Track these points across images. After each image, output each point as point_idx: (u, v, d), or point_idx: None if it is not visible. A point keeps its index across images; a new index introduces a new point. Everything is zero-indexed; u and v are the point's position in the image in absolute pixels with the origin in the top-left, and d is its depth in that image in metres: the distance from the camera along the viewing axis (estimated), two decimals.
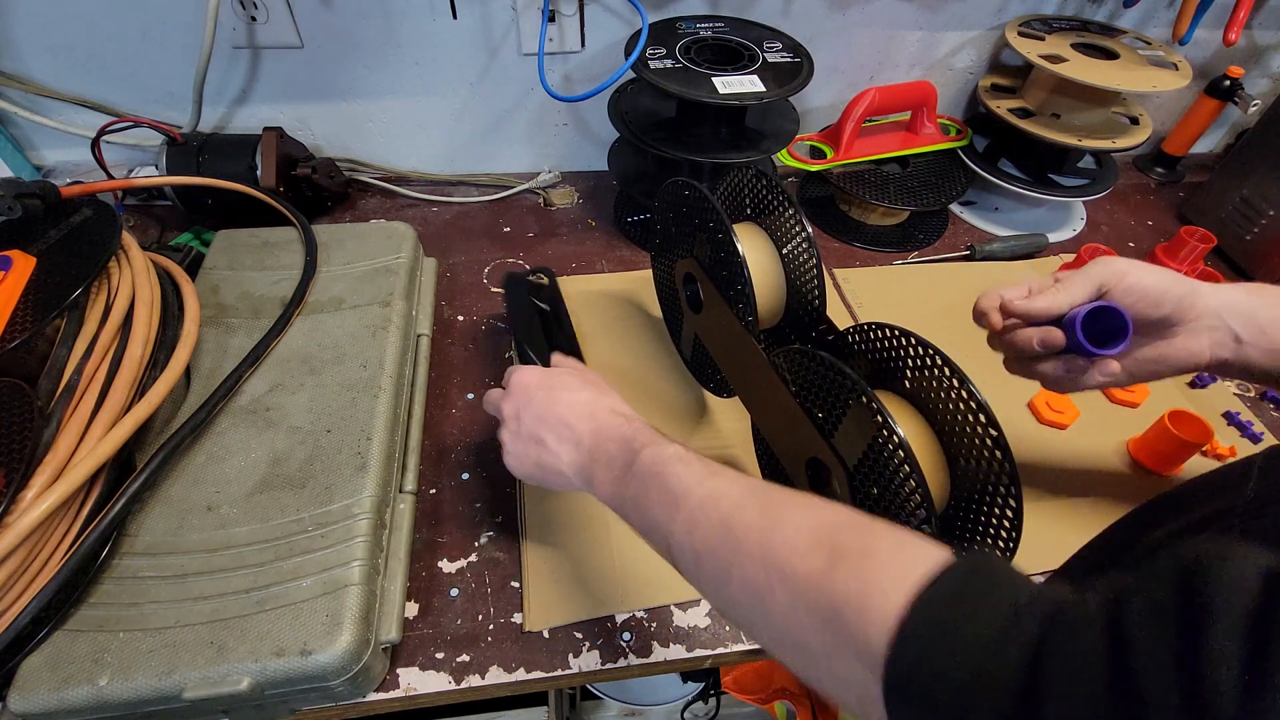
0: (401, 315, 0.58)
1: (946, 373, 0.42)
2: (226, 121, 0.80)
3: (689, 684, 1.08)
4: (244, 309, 0.57)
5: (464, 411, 0.61)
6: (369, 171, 0.86)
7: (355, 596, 0.41)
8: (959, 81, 0.91)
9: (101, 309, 0.47)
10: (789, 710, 0.98)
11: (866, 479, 0.41)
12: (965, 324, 0.71)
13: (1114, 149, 0.79)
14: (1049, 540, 0.54)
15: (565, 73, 0.81)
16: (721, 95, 0.65)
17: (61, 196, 0.53)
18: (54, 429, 0.41)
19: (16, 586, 0.38)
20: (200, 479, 0.46)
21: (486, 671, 0.45)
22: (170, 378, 0.48)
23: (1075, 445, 0.61)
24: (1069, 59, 0.75)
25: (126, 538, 0.43)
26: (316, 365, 0.54)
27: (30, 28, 0.70)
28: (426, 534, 0.52)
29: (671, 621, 0.48)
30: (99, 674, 0.37)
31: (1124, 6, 0.84)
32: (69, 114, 0.76)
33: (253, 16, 0.71)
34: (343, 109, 0.81)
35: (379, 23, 0.73)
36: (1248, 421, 0.64)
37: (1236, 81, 0.87)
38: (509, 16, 0.74)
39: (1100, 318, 0.40)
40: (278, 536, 0.43)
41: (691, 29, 0.74)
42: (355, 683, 0.41)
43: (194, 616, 0.40)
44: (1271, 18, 0.88)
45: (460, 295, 0.72)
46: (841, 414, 0.42)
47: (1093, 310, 0.40)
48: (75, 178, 0.79)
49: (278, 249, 0.63)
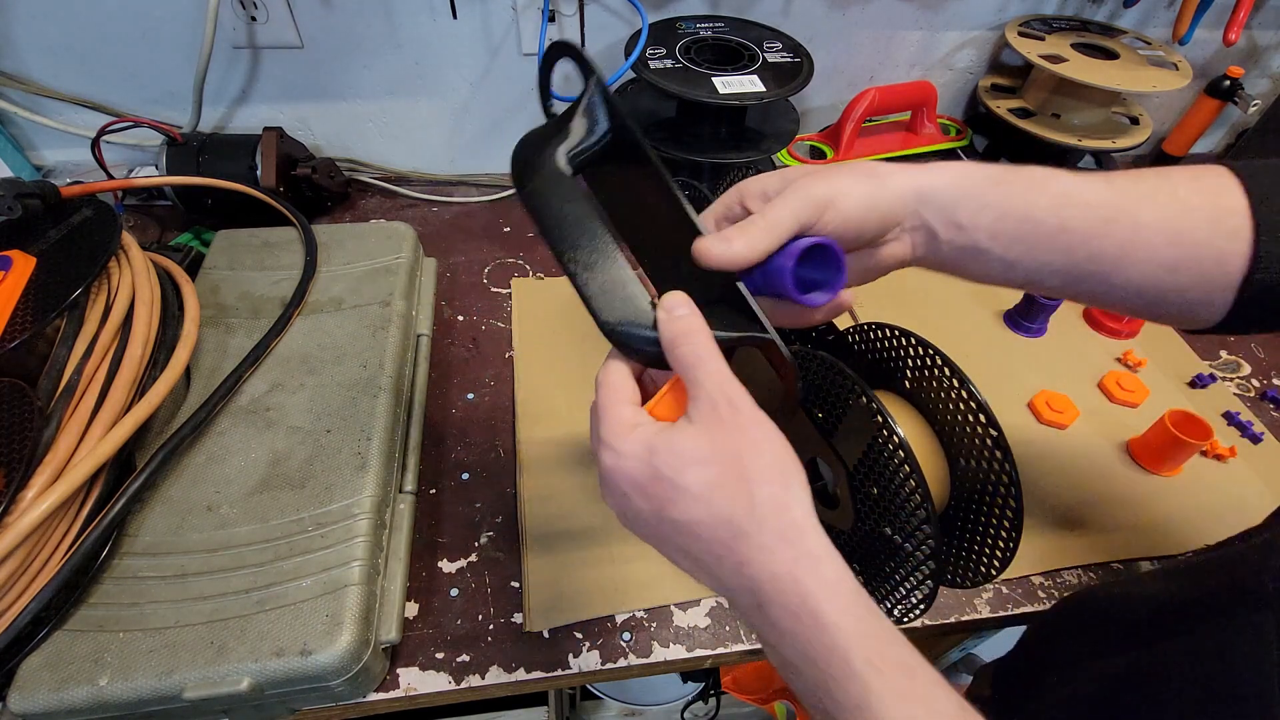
0: (401, 315, 0.58)
1: (946, 373, 0.42)
2: (226, 121, 0.80)
3: (689, 684, 1.08)
4: (244, 309, 0.57)
5: (464, 411, 0.61)
6: (369, 171, 0.86)
7: (355, 596, 0.41)
8: (959, 81, 0.91)
9: (101, 309, 0.47)
10: (789, 710, 0.98)
11: (866, 479, 0.41)
12: (965, 324, 0.72)
13: (1114, 149, 0.79)
14: (1049, 540, 0.54)
15: (565, 73, 0.81)
16: (721, 95, 0.65)
17: (61, 196, 0.53)
18: (54, 429, 0.41)
19: (16, 586, 0.38)
20: (200, 479, 0.46)
21: (486, 671, 0.45)
22: (170, 378, 0.48)
23: (1075, 445, 0.61)
24: (1069, 59, 0.75)
25: (126, 538, 0.43)
26: (316, 365, 0.54)
27: (30, 28, 0.70)
28: (426, 534, 0.52)
29: (671, 621, 0.48)
30: (99, 674, 0.37)
31: (1124, 6, 0.84)
32: (69, 114, 0.76)
33: (253, 16, 0.71)
34: (343, 109, 0.81)
35: (379, 23, 0.73)
36: (1248, 421, 0.64)
37: (1236, 81, 0.87)
38: (509, 16, 0.74)
39: (809, 256, 0.33)
40: (278, 536, 0.43)
41: (691, 29, 0.74)
42: (355, 683, 0.41)
43: (194, 616, 0.40)
44: (1271, 18, 0.88)
45: (460, 295, 0.72)
46: (841, 414, 0.42)
47: (802, 253, 0.33)
48: (75, 178, 0.79)
49: (278, 249, 0.63)
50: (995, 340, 0.71)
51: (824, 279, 0.33)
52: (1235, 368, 0.70)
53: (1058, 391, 0.64)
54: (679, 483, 0.27)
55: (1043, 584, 0.52)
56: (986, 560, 0.42)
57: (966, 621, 0.50)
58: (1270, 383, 0.69)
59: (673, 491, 0.27)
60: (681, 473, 0.27)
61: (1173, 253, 0.33)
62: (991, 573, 0.42)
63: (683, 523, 0.27)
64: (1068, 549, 0.54)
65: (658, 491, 0.27)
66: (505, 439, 0.59)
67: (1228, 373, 0.70)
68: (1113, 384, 0.65)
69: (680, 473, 0.27)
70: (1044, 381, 0.65)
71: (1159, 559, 0.54)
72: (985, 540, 0.42)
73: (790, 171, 0.35)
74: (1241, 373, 0.70)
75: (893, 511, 0.39)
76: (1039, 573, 0.52)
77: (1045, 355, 0.69)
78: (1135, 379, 0.66)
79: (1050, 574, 0.52)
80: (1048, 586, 0.52)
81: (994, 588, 0.52)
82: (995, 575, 0.42)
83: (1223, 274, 0.32)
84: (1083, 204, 0.34)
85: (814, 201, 0.32)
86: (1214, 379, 0.68)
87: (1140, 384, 0.65)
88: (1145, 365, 0.68)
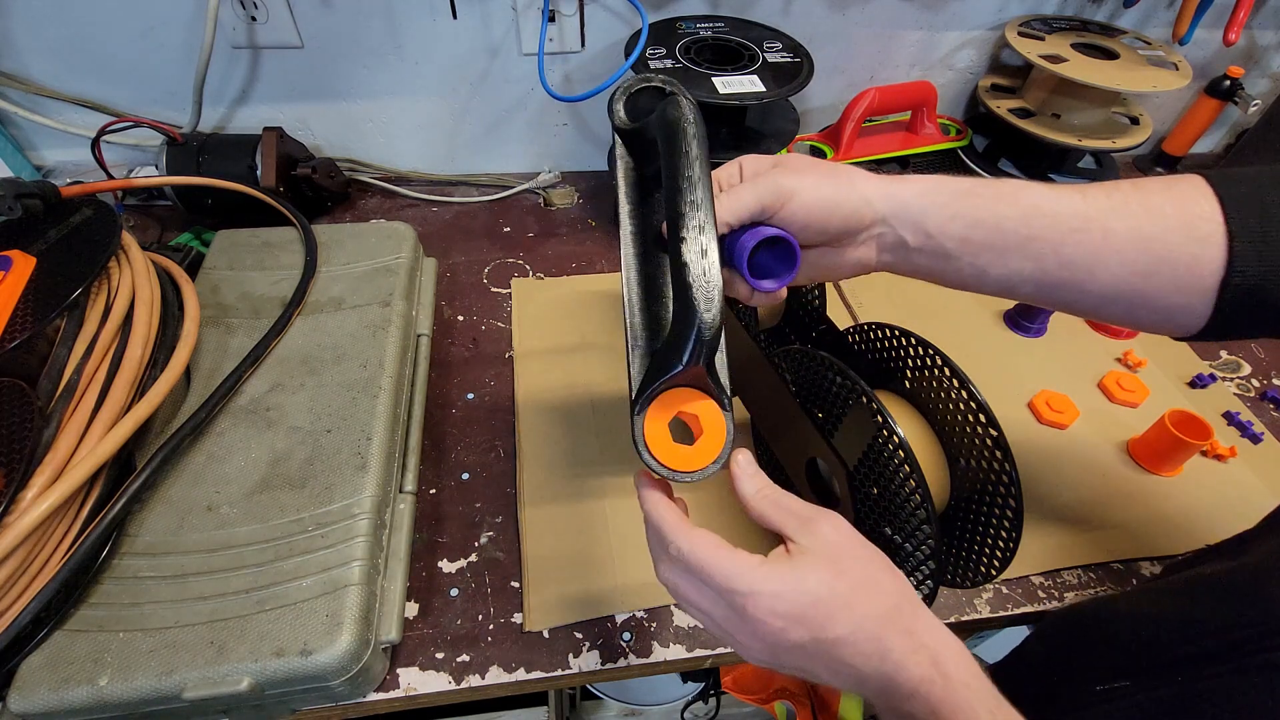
0: (401, 315, 0.58)
1: (946, 373, 0.42)
2: (226, 121, 0.80)
3: (689, 684, 1.08)
4: (244, 309, 0.57)
5: (464, 411, 0.61)
6: (369, 171, 0.86)
7: (355, 596, 0.41)
8: (959, 81, 0.91)
9: (101, 309, 0.47)
10: (789, 710, 0.98)
11: (866, 479, 0.41)
12: (965, 324, 0.72)
13: (1114, 149, 0.79)
14: (1049, 540, 0.54)
15: (565, 73, 0.81)
16: (721, 95, 0.65)
17: (61, 196, 0.53)
18: (54, 429, 0.41)
19: (16, 586, 0.38)
20: (200, 479, 0.46)
21: (486, 671, 0.45)
22: (170, 378, 0.48)
23: (1075, 445, 0.61)
24: (1069, 59, 0.75)
25: (126, 538, 0.43)
26: (316, 365, 0.54)
27: (30, 27, 0.70)
28: (426, 534, 0.52)
29: (671, 621, 0.48)
30: (99, 674, 0.37)
31: (1124, 6, 0.84)
32: (69, 114, 0.76)
33: (253, 16, 0.71)
34: (343, 109, 0.81)
35: (379, 23, 0.73)
36: (1248, 421, 0.64)
37: (1236, 81, 0.87)
38: (509, 16, 0.74)
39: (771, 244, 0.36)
40: (278, 536, 0.43)
41: (691, 29, 0.74)
42: (355, 683, 0.41)
43: (194, 616, 0.40)
44: (1271, 18, 0.88)
45: (460, 295, 0.72)
46: (841, 414, 0.42)
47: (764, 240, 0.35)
48: (75, 178, 0.79)
49: (278, 249, 0.63)
50: (995, 340, 0.71)
51: (777, 270, 0.36)
52: (1235, 368, 0.70)
53: (1058, 391, 0.64)
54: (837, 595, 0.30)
55: (1043, 584, 0.52)
56: (986, 560, 0.42)
57: (966, 621, 0.50)
58: (1270, 383, 0.69)
59: (830, 607, 0.29)
60: (834, 588, 0.30)
61: (1145, 259, 0.33)
62: (991, 573, 0.42)
63: (842, 636, 0.29)
64: (1068, 549, 0.54)
65: (817, 613, 0.29)
66: (505, 439, 0.59)
67: (1228, 373, 0.70)
68: (1113, 384, 0.65)
69: (833, 589, 0.30)
70: (1044, 381, 0.65)
71: (1159, 559, 0.54)
72: (985, 540, 0.42)
73: (784, 155, 0.37)
74: (1241, 373, 0.70)
75: (893, 511, 0.39)
76: (1039, 573, 0.52)
77: (1045, 355, 0.69)
78: (1135, 379, 0.66)
79: (1050, 574, 0.52)
80: (1048, 586, 0.52)
81: (994, 588, 0.52)
82: (995, 575, 0.42)
83: (1197, 279, 0.33)
84: (1052, 214, 0.34)
85: (778, 190, 0.35)
86: (1214, 379, 0.68)
87: (1140, 384, 0.65)
88: (1145, 365, 0.68)
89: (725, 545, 0.31)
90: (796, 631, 0.29)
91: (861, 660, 0.29)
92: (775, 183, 0.35)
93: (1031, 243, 0.34)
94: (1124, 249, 0.33)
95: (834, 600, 0.29)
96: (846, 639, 0.29)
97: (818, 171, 0.36)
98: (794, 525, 0.32)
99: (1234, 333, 0.35)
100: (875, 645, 0.29)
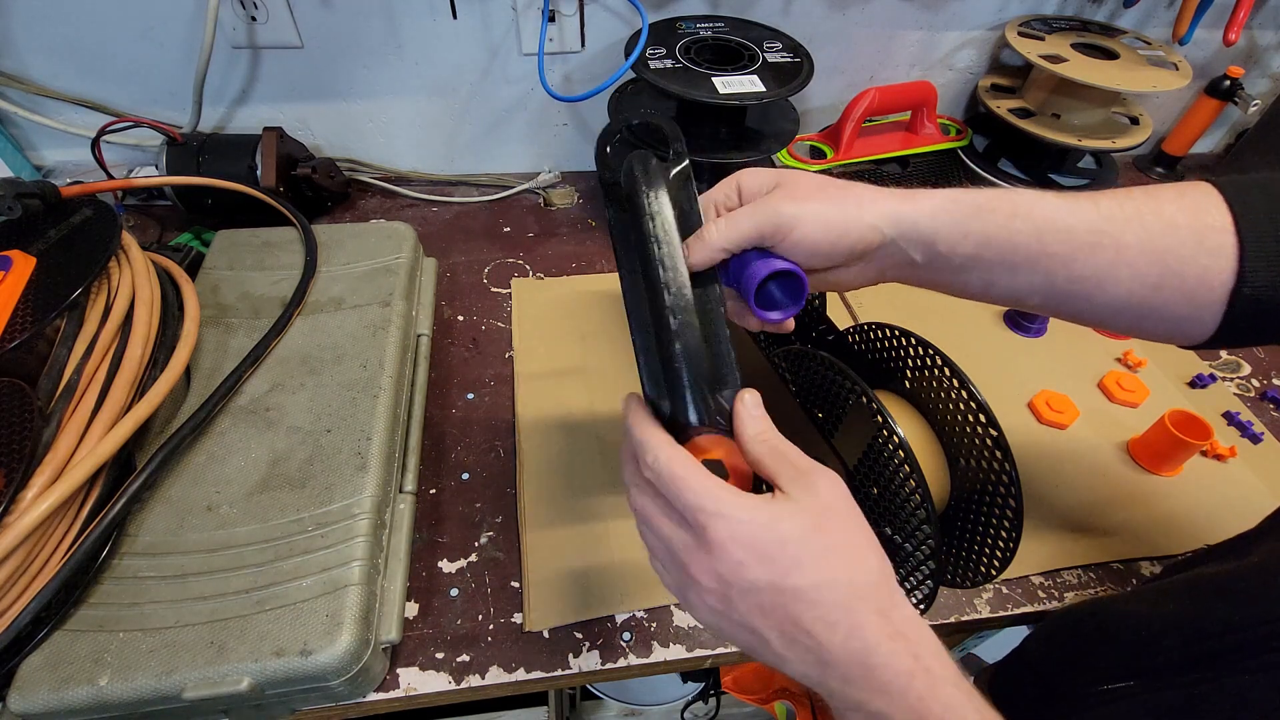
0: (401, 315, 0.58)
1: (946, 373, 0.42)
2: (226, 121, 0.80)
3: (689, 684, 1.08)
4: (244, 309, 0.57)
5: (464, 411, 0.61)
6: (369, 171, 0.86)
7: (355, 596, 0.41)
8: (959, 81, 0.91)
9: (101, 309, 0.47)
10: (789, 710, 0.98)
11: (866, 479, 0.41)
12: (965, 324, 0.72)
13: (1114, 149, 0.79)
14: (1049, 540, 0.54)
15: (565, 73, 0.81)
16: (721, 95, 0.65)
17: (61, 196, 0.53)
18: (54, 429, 0.41)
19: (16, 586, 0.38)
20: (200, 479, 0.46)
21: (486, 671, 0.45)
22: (170, 378, 0.48)
23: (1075, 445, 0.61)
24: (1069, 59, 0.75)
25: (126, 538, 0.43)
26: (316, 365, 0.54)
27: (30, 27, 0.70)
28: (426, 534, 0.52)
29: (671, 621, 0.48)
30: (99, 674, 0.37)
31: (1124, 6, 0.84)
32: (69, 114, 0.76)
33: (253, 16, 0.71)
34: (343, 109, 0.81)
35: (379, 23, 0.73)
36: (1248, 421, 0.64)
37: (1236, 81, 0.87)
38: (509, 16, 0.74)
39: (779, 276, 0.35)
40: (278, 536, 0.43)
41: (691, 29, 0.74)
42: (355, 683, 0.41)
43: (194, 616, 0.40)
44: (1271, 18, 0.88)
45: (460, 295, 0.72)
46: (841, 414, 0.42)
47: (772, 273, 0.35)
48: (75, 178, 0.79)
49: (278, 249, 0.63)
50: (995, 340, 0.71)
51: (784, 301, 0.36)
52: (1235, 368, 0.70)
53: (1058, 391, 0.64)
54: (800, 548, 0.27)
55: (1043, 584, 0.52)
56: (986, 560, 0.42)
57: (966, 622, 0.50)
58: (1270, 383, 0.69)
59: (799, 553, 0.27)
60: (808, 539, 0.27)
61: (1156, 271, 0.33)
62: (991, 573, 0.42)
63: (804, 587, 0.27)
64: (1068, 549, 0.54)
65: (783, 555, 0.27)
66: (505, 439, 0.59)
67: (1228, 373, 0.70)
68: (1113, 384, 0.65)
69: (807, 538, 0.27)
70: (1044, 381, 0.65)
71: (1159, 559, 0.54)
72: (985, 540, 0.42)
73: (786, 173, 0.37)
74: (1241, 373, 0.70)
75: (893, 511, 0.39)
76: (1039, 573, 0.52)
77: (1045, 355, 0.69)
78: (1135, 379, 0.66)
79: (1050, 574, 0.52)
80: (1048, 586, 0.52)
81: (994, 588, 0.52)
82: (995, 575, 0.42)
83: (1207, 290, 0.32)
84: (1066, 229, 0.34)
85: (778, 219, 0.34)
86: (1214, 379, 0.68)
87: (1140, 384, 0.65)
88: (1145, 365, 0.68)
89: (705, 469, 0.29)
90: (756, 570, 0.27)
91: (825, 630, 0.26)
92: (775, 210, 0.34)
93: (1043, 258, 0.34)
94: (1136, 262, 0.33)
95: (805, 549, 0.27)
96: (810, 594, 0.26)
97: (822, 196, 0.35)
98: (789, 475, 0.29)
99: (1241, 341, 0.34)
100: (845, 615, 0.26)
